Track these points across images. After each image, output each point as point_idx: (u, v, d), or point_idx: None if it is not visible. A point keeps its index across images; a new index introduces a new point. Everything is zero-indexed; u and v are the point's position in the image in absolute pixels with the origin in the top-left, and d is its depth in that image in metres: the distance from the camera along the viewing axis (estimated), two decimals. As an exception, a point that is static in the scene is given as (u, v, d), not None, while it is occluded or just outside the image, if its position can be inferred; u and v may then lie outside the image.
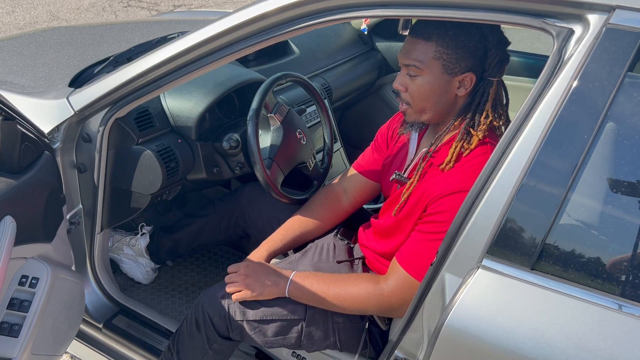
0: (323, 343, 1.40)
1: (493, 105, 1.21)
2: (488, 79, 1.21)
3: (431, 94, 1.22)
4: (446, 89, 1.22)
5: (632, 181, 0.88)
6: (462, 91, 1.22)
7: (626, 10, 0.89)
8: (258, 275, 1.38)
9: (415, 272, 1.21)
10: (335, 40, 2.61)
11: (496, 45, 1.19)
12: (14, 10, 5.90)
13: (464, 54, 1.18)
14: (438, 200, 1.19)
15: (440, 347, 0.98)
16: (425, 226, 1.22)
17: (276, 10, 1.18)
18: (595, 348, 0.87)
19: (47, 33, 2.26)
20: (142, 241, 1.96)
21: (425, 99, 1.23)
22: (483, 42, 1.18)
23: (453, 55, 1.18)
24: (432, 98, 1.23)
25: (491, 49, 1.19)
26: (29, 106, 1.47)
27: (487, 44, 1.19)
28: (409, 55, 1.21)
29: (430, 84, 1.21)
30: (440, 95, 1.23)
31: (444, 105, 1.24)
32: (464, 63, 1.19)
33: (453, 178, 1.19)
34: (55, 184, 1.35)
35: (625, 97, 0.88)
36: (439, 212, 1.18)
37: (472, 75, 1.20)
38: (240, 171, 1.77)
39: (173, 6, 6.51)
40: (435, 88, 1.21)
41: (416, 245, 1.23)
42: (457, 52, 1.17)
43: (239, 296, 1.37)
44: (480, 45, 1.18)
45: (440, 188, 1.19)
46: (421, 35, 1.19)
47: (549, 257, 0.91)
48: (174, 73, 1.36)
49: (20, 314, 1.20)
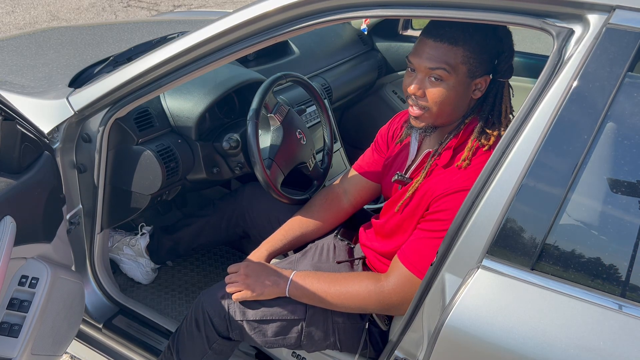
0: (323, 343, 1.40)
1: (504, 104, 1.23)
2: (499, 80, 1.22)
3: (454, 98, 1.20)
4: (465, 92, 1.21)
5: (632, 181, 0.88)
6: (477, 94, 1.22)
7: (626, 10, 0.89)
8: (258, 275, 1.38)
9: (417, 269, 1.21)
10: (335, 40, 2.61)
11: (510, 48, 1.21)
12: (14, 10, 5.90)
13: (487, 57, 1.18)
14: (441, 199, 1.19)
15: (440, 347, 0.98)
16: (428, 224, 1.23)
17: (276, 10, 1.18)
18: (595, 348, 0.87)
19: (47, 33, 2.26)
20: (142, 241, 1.96)
21: (447, 104, 1.21)
22: (500, 45, 1.20)
23: (478, 60, 1.17)
24: (454, 102, 1.21)
25: (505, 51, 1.20)
26: (29, 106, 1.47)
27: (503, 46, 1.20)
28: (434, 59, 1.17)
29: (455, 88, 1.19)
30: (459, 99, 1.21)
31: (460, 108, 1.24)
32: (485, 66, 1.19)
33: (457, 177, 1.20)
34: (55, 184, 1.35)
35: (625, 97, 0.88)
36: (442, 211, 1.19)
37: (487, 78, 1.21)
38: (240, 171, 1.77)
39: (173, 6, 6.51)
40: (458, 92, 1.20)
41: (418, 243, 1.23)
42: (482, 56, 1.17)
43: (239, 296, 1.37)
44: (497, 48, 1.20)
45: (443, 187, 1.20)
46: (447, 39, 1.16)
47: (549, 257, 0.91)
48: (174, 73, 1.36)
49: (20, 314, 1.19)
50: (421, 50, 1.19)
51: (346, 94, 2.54)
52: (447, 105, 1.21)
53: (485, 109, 1.24)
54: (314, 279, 1.35)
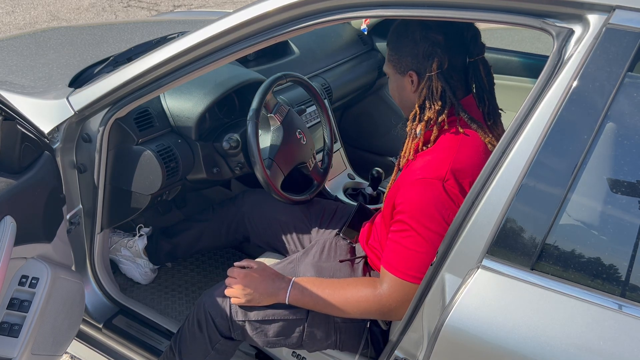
0: (324, 343, 1.40)
1: (431, 98, 1.24)
2: (428, 75, 1.23)
3: (395, 92, 1.34)
4: (402, 87, 1.30)
5: (632, 181, 0.88)
6: (412, 88, 1.28)
7: (626, 10, 0.89)
8: (256, 287, 1.36)
9: (401, 272, 1.20)
10: (335, 40, 2.61)
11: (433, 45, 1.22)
12: (14, 10, 5.91)
13: (405, 55, 1.26)
14: (400, 195, 1.21)
15: (440, 347, 0.98)
16: (395, 224, 1.22)
17: (276, 10, 1.18)
18: (595, 348, 0.87)
19: (47, 33, 2.26)
20: (139, 243, 1.96)
21: (395, 96, 1.35)
22: (422, 43, 1.22)
23: (395, 56, 1.28)
24: (399, 96, 1.33)
25: (429, 48, 1.22)
26: (29, 106, 1.47)
27: (426, 44, 1.22)
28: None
29: (393, 83, 1.33)
30: (401, 93, 1.32)
31: (408, 101, 1.31)
32: (406, 63, 1.26)
33: (415, 169, 1.22)
34: (55, 184, 1.35)
35: (625, 97, 0.88)
36: (402, 206, 1.19)
37: (413, 74, 1.25)
38: (240, 171, 1.77)
39: (173, 6, 6.51)
40: (396, 87, 1.32)
41: (392, 245, 1.22)
42: (399, 53, 1.27)
43: (237, 302, 1.38)
44: (418, 45, 1.23)
45: (401, 182, 1.23)
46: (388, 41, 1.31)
47: (549, 257, 0.91)
48: (174, 73, 1.36)
49: (20, 314, 1.19)
50: None
51: (346, 94, 2.54)
52: (396, 97, 1.35)
53: (421, 105, 1.27)
54: (312, 288, 1.32)
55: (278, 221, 1.75)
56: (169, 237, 1.94)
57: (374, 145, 2.73)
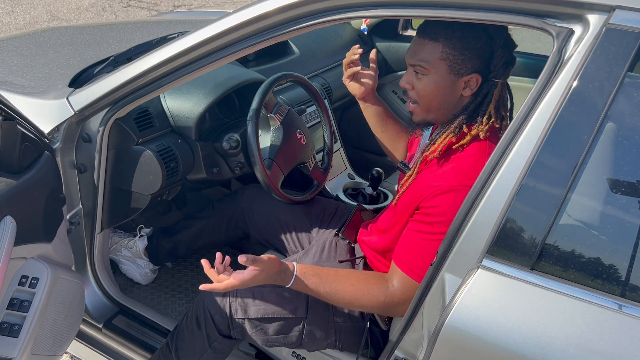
0: (324, 342, 1.40)
1: (496, 107, 1.22)
2: (493, 80, 1.21)
3: (437, 93, 1.23)
4: (452, 89, 1.22)
5: (632, 181, 0.88)
6: (467, 92, 1.22)
7: (626, 10, 0.89)
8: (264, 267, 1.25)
9: (413, 272, 1.20)
10: (335, 40, 2.61)
11: (502, 47, 1.19)
12: (14, 10, 5.91)
13: (471, 55, 1.18)
14: (431, 200, 1.18)
15: (440, 347, 0.98)
16: (418, 225, 1.22)
17: (276, 10, 1.18)
18: (595, 348, 0.87)
19: (47, 33, 2.26)
20: (139, 243, 1.96)
21: (431, 98, 1.24)
22: (490, 44, 1.19)
23: (459, 57, 1.18)
24: (438, 97, 1.24)
25: (497, 50, 1.19)
26: (29, 106, 1.47)
27: (493, 45, 1.19)
28: (416, 55, 1.22)
29: (436, 83, 1.22)
30: (445, 95, 1.23)
31: (450, 104, 1.25)
32: (470, 64, 1.19)
33: (446, 176, 1.19)
34: (55, 184, 1.35)
35: (625, 97, 0.88)
36: (432, 210, 1.18)
37: (477, 77, 1.20)
38: (240, 171, 1.77)
39: (173, 6, 6.51)
40: (441, 88, 1.22)
41: (410, 244, 1.22)
42: (464, 53, 1.18)
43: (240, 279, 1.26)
44: (486, 46, 1.19)
45: (433, 185, 1.19)
46: (428, 36, 1.19)
47: (549, 257, 0.91)
48: (174, 73, 1.36)
49: (20, 314, 1.19)
50: (410, 47, 1.25)
51: (346, 94, 2.53)
52: (432, 100, 1.24)
53: (470, 108, 1.23)
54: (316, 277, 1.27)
55: (278, 220, 1.75)
56: (169, 236, 1.94)
57: (374, 145, 2.71)
